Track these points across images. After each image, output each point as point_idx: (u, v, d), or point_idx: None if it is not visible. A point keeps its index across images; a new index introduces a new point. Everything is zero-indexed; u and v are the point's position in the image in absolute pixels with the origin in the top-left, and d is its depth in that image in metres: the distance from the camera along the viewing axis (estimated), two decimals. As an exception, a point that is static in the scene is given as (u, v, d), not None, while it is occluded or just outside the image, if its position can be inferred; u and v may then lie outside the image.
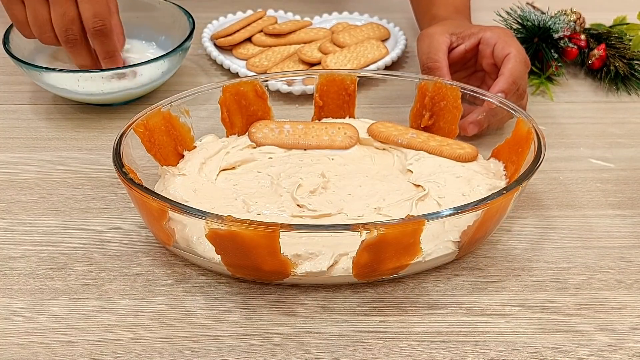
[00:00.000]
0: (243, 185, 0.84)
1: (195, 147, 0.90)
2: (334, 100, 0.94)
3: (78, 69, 0.98)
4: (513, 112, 0.87)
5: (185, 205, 0.73)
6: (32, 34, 0.97)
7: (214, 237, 0.72)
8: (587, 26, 1.17)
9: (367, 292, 0.77)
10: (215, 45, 1.15)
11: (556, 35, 1.10)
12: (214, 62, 1.13)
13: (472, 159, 0.87)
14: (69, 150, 0.96)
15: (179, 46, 1.01)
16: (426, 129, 0.92)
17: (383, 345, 0.72)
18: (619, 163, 0.95)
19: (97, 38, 0.96)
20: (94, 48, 0.98)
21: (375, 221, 0.72)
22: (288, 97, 1.05)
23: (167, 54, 1.00)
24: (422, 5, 1.08)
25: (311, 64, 1.11)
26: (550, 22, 1.10)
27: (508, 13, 1.15)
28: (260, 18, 1.19)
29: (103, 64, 0.98)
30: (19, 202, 0.88)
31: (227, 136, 0.92)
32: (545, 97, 1.07)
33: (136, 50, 1.08)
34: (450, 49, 0.96)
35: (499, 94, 0.90)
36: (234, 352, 0.71)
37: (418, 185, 0.84)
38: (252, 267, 0.75)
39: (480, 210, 0.74)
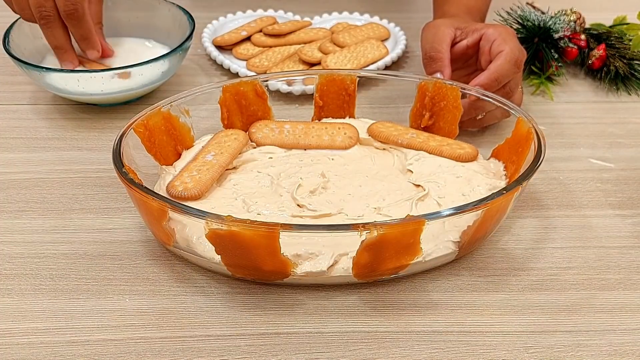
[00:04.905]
0: (243, 185, 0.84)
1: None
2: (334, 100, 0.94)
3: (78, 68, 0.98)
4: (513, 112, 0.87)
5: (185, 205, 0.73)
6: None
7: (214, 237, 0.72)
8: (587, 26, 1.17)
9: (367, 292, 0.77)
10: (215, 45, 1.15)
11: (556, 35, 1.10)
12: (214, 62, 1.13)
13: (472, 159, 0.87)
14: (69, 150, 0.96)
15: (179, 46, 1.01)
16: (426, 129, 0.92)
17: (383, 345, 0.72)
18: (619, 163, 0.95)
19: (69, 21, 0.97)
20: (70, 31, 0.99)
21: (375, 221, 0.72)
22: (288, 97, 1.05)
23: (167, 54, 1.00)
24: (439, 0, 1.08)
25: (311, 64, 1.11)
26: (550, 22, 1.10)
27: (508, 13, 1.15)
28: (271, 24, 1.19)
29: (79, 46, 1.00)
30: (19, 202, 0.88)
31: (227, 136, 0.92)
32: (545, 97, 1.07)
33: (136, 49, 1.08)
34: (454, 43, 0.96)
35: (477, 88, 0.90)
36: (234, 352, 0.71)
37: (418, 185, 0.84)
38: (252, 267, 0.75)
39: (480, 210, 0.74)
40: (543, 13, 1.14)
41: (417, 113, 0.93)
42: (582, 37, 1.13)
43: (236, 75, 1.09)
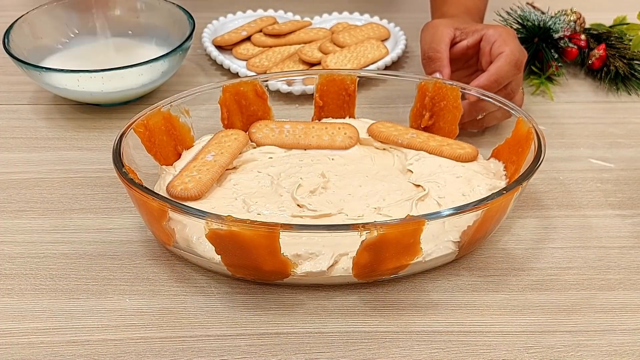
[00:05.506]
0: (243, 185, 0.84)
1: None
2: (334, 100, 0.94)
3: (78, 68, 0.98)
4: (513, 112, 0.87)
5: (185, 205, 0.73)
6: None
7: (214, 237, 0.72)
8: (587, 26, 1.17)
9: (367, 292, 0.77)
10: (215, 45, 1.15)
11: (556, 35, 1.10)
12: (214, 62, 1.13)
13: (472, 159, 0.87)
14: (69, 150, 0.96)
15: (179, 46, 1.01)
16: (426, 129, 0.92)
17: (383, 345, 0.72)
18: (619, 163, 0.95)
19: None
20: None
21: (375, 221, 0.72)
22: (288, 97, 1.05)
23: (167, 54, 1.00)
24: (437, 2, 1.08)
25: (311, 64, 1.11)
26: (550, 22, 1.10)
27: (508, 13, 1.15)
28: (271, 24, 1.19)
29: None
30: (19, 202, 0.88)
31: (227, 136, 0.92)
32: (545, 97, 1.07)
33: (136, 49, 1.08)
34: (453, 44, 0.96)
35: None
36: (234, 352, 0.71)
37: (418, 185, 0.84)
38: (252, 267, 0.75)
39: (480, 210, 0.74)
40: (543, 13, 1.14)
41: (417, 113, 0.93)
42: (582, 37, 1.13)
43: (236, 75, 1.09)
